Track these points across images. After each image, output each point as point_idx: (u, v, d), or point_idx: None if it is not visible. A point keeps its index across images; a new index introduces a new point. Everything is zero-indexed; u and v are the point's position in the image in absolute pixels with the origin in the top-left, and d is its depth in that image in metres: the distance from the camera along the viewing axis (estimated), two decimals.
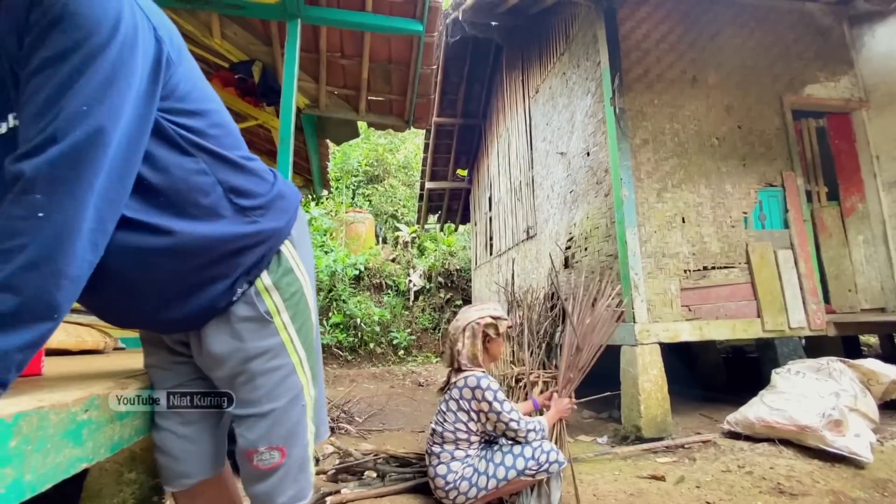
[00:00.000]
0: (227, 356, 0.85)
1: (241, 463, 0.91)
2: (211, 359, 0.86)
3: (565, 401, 2.33)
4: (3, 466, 0.61)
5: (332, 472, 2.42)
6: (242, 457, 0.88)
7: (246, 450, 0.87)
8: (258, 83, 4.01)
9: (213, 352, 0.85)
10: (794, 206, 3.96)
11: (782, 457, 2.63)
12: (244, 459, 0.88)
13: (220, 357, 0.85)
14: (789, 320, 3.65)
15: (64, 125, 0.60)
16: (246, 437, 0.87)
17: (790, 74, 4.27)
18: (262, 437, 0.87)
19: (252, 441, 0.87)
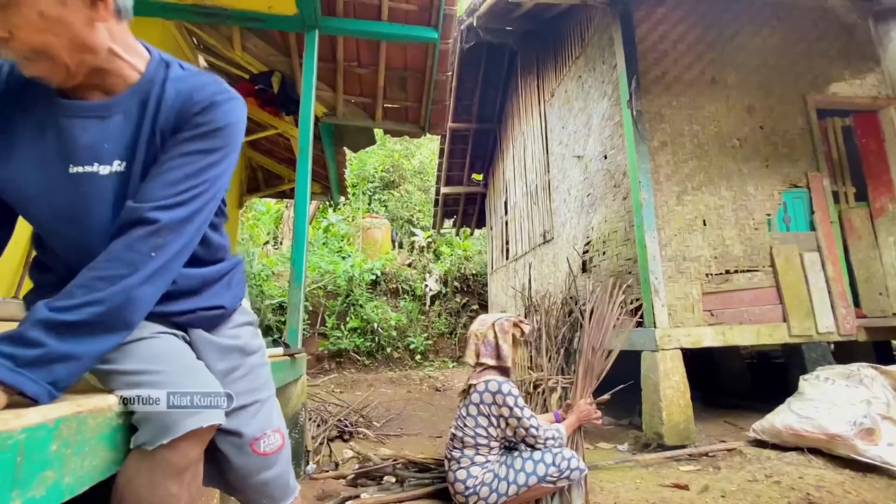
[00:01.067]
0: (231, 350, 0.99)
1: (243, 459, 0.92)
2: (217, 352, 0.97)
3: (584, 404, 2.29)
4: (44, 469, 0.63)
5: (351, 476, 2.43)
6: (247, 449, 0.92)
7: (252, 438, 0.93)
8: (277, 93, 4.10)
9: (223, 345, 0.98)
10: (821, 208, 3.85)
11: (811, 466, 2.55)
12: (249, 452, 0.92)
13: (226, 349, 0.98)
14: (817, 325, 3.54)
15: (189, 197, 0.84)
16: (251, 424, 0.94)
17: (814, 73, 4.17)
18: (265, 422, 0.96)
19: (258, 427, 0.94)
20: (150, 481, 0.76)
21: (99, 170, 0.83)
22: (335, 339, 8.30)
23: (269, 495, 0.98)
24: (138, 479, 0.76)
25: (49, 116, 0.83)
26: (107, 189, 0.84)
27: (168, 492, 0.77)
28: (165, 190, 0.82)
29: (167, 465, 0.77)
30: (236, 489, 0.97)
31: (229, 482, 0.96)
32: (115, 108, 0.85)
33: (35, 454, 0.61)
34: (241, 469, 0.93)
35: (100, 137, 0.83)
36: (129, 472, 0.77)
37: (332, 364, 8.12)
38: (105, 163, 0.83)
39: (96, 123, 0.83)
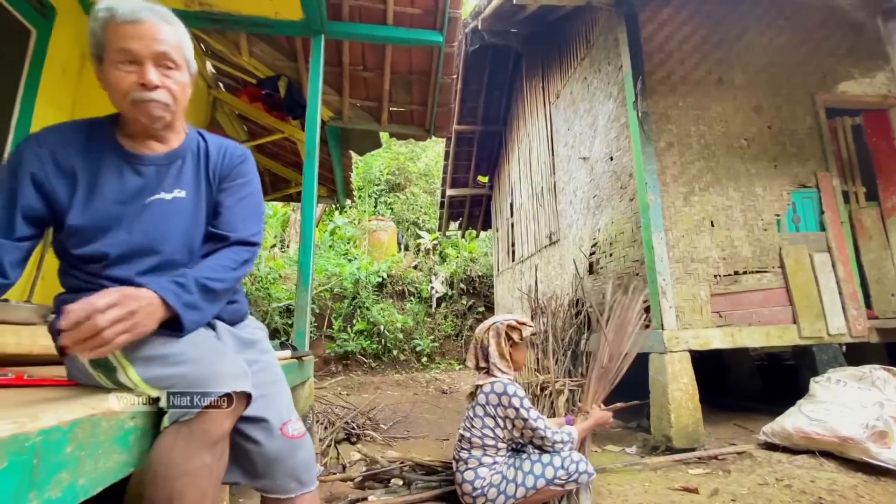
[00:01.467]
0: (251, 344, 1.16)
1: (275, 443, 0.99)
2: (238, 343, 1.13)
3: (601, 411, 2.31)
4: (59, 471, 0.65)
5: (359, 479, 2.44)
6: (277, 433, 1.00)
7: (281, 422, 1.01)
8: (284, 98, 4.14)
9: (243, 338, 1.15)
10: (831, 208, 3.81)
11: (823, 470, 2.52)
12: (279, 435, 1.00)
13: (246, 342, 1.14)
14: (828, 326, 3.50)
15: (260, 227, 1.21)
16: (276, 411, 1.02)
17: (822, 72, 4.13)
18: (287, 408, 1.08)
19: (283, 414, 1.04)
20: (187, 451, 0.81)
21: (164, 196, 1.07)
22: (342, 342, 8.32)
23: (298, 479, 1.03)
24: (175, 449, 0.81)
25: (123, 165, 1.06)
26: (170, 208, 1.08)
27: (203, 461, 0.82)
28: (248, 222, 1.16)
29: (203, 434, 0.83)
30: (264, 475, 1.00)
31: (257, 469, 1.00)
32: (176, 157, 1.12)
33: (51, 456, 0.62)
34: (273, 453, 0.99)
35: (165, 176, 1.10)
36: (166, 444, 0.82)
37: (339, 366, 8.14)
38: (168, 192, 1.08)
39: (164, 168, 1.11)
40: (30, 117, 2.76)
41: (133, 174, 1.05)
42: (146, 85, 0.98)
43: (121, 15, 0.96)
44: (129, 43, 0.96)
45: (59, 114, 3.01)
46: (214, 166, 1.15)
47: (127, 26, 0.96)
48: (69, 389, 0.97)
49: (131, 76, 0.97)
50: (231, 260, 1.08)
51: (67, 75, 3.07)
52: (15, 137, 2.67)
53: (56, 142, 1.01)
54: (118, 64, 0.97)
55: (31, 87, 2.77)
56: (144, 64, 0.98)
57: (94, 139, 1.05)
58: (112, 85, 0.99)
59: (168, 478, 0.79)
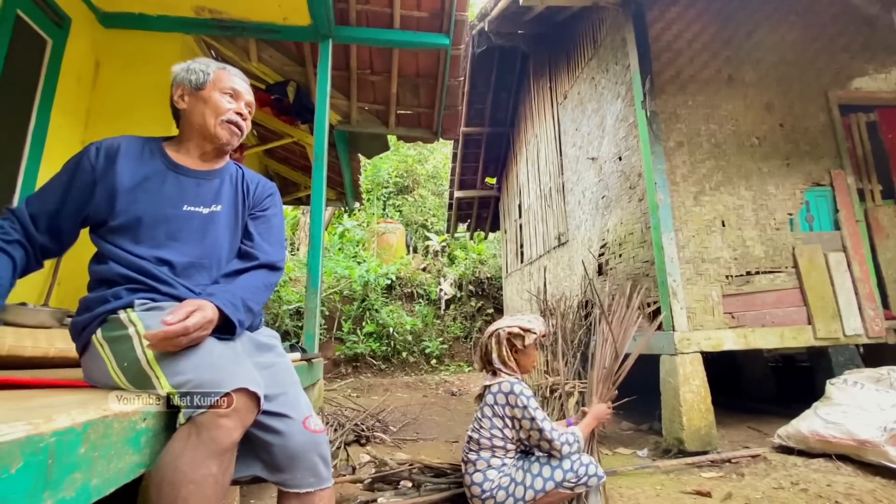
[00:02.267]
0: (268, 348, 1.25)
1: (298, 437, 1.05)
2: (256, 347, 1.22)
3: (602, 406, 2.25)
4: (73, 471, 0.66)
5: (368, 480, 2.44)
6: (299, 427, 1.06)
7: (304, 417, 1.08)
8: (293, 102, 4.18)
9: (260, 342, 1.25)
10: (845, 206, 3.74)
11: (840, 473, 2.46)
12: (302, 430, 1.06)
13: (263, 346, 1.24)
14: (844, 327, 3.44)
15: (283, 259, 1.37)
16: (296, 408, 1.09)
17: (835, 68, 4.07)
18: (307, 404, 1.15)
19: (305, 409, 1.11)
20: (194, 459, 0.83)
21: (202, 210, 1.25)
22: (351, 344, 8.36)
23: (317, 474, 1.06)
24: (183, 457, 0.83)
25: (170, 173, 1.24)
26: (202, 220, 1.24)
27: (210, 471, 0.84)
28: (275, 248, 1.35)
29: (212, 443, 0.85)
30: (285, 469, 1.03)
31: (279, 463, 1.03)
32: (218, 176, 1.33)
33: (65, 457, 0.64)
34: (295, 447, 1.03)
35: (205, 191, 1.28)
36: (175, 450, 0.84)
37: (349, 368, 8.17)
38: (206, 206, 1.26)
39: (206, 182, 1.29)
40: (46, 124, 2.83)
41: (175, 180, 1.24)
42: (240, 114, 1.32)
43: (232, 70, 1.35)
44: (236, 84, 1.33)
45: (75, 121, 3.07)
46: (249, 192, 1.37)
47: (235, 77, 1.35)
48: (83, 391, 0.99)
49: (231, 105, 1.30)
50: (263, 284, 1.27)
51: (82, 83, 3.14)
52: (32, 144, 2.73)
53: (115, 147, 1.21)
54: (223, 93, 1.29)
55: (47, 95, 2.83)
56: (239, 101, 1.33)
57: (147, 147, 1.26)
58: (211, 105, 1.27)
59: (175, 484, 0.81)
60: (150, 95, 3.30)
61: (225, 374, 0.92)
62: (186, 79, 1.29)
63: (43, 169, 2.78)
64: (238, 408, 0.89)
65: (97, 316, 1.05)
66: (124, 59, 3.30)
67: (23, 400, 0.87)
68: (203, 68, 1.30)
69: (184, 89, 1.29)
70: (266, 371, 1.14)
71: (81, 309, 1.10)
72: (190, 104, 1.29)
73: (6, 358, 1.67)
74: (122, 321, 1.02)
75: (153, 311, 1.04)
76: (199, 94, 1.28)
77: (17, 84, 2.65)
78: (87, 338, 1.06)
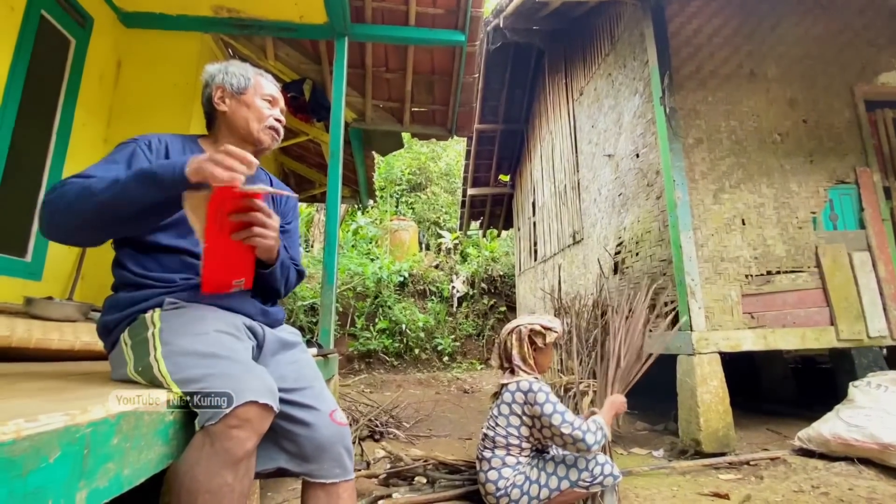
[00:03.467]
0: (291, 345, 1.27)
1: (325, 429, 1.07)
2: (280, 345, 1.24)
3: (619, 396, 2.19)
4: (107, 461, 0.68)
5: (383, 476, 2.46)
6: (326, 420, 1.08)
7: (330, 410, 1.11)
8: (309, 100, 4.21)
9: (284, 340, 1.26)
10: (871, 205, 3.64)
11: (862, 477, 2.41)
12: (329, 422, 1.08)
13: (286, 343, 1.25)
14: (868, 329, 3.35)
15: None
16: (322, 400, 1.11)
17: (861, 62, 3.95)
18: (331, 399, 1.17)
19: (331, 402, 1.14)
20: (209, 469, 0.83)
21: None
22: (364, 340, 8.42)
23: (344, 465, 1.08)
24: (198, 466, 0.83)
25: None
26: None
27: (225, 481, 0.84)
28: (299, 257, 1.45)
29: (226, 454, 0.84)
30: (312, 460, 1.05)
31: (306, 454, 1.04)
32: (255, 179, 1.32)
33: (99, 447, 0.65)
34: (323, 438, 1.05)
35: None
36: (191, 459, 0.84)
37: (362, 364, 8.24)
38: None
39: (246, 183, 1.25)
40: (70, 121, 2.90)
41: None
42: (280, 120, 1.36)
43: (268, 77, 1.38)
44: (274, 91, 1.36)
45: (98, 119, 3.14)
46: (279, 200, 1.44)
47: (272, 84, 1.38)
48: (114, 385, 1.01)
49: (270, 111, 1.34)
50: (294, 280, 1.38)
51: (105, 82, 3.20)
52: (57, 141, 2.80)
53: (164, 143, 1.23)
54: (264, 99, 1.33)
55: (70, 93, 2.90)
56: (276, 108, 1.37)
57: (188, 148, 1.28)
58: (254, 110, 1.30)
59: (192, 493, 0.82)
60: (170, 94, 3.36)
61: (236, 384, 0.88)
62: (227, 81, 1.30)
63: (68, 164, 2.85)
64: (250, 419, 0.87)
65: (128, 315, 1.07)
66: (145, 58, 3.36)
67: (57, 392, 0.89)
68: (243, 73, 1.33)
69: (224, 91, 1.30)
70: (292, 366, 1.16)
71: (110, 308, 1.11)
72: (231, 107, 1.30)
73: (34, 350, 1.72)
74: (146, 322, 1.03)
75: (179, 310, 1.05)
76: (240, 97, 1.30)
77: (42, 82, 2.71)
78: (116, 336, 1.08)
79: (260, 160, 1.32)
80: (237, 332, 1.09)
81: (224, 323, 1.08)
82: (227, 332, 1.06)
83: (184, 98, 3.34)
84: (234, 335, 1.07)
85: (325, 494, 1.06)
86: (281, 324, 1.34)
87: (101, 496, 0.66)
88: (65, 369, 1.48)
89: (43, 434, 0.55)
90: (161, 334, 0.99)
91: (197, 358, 0.94)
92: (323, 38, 3.77)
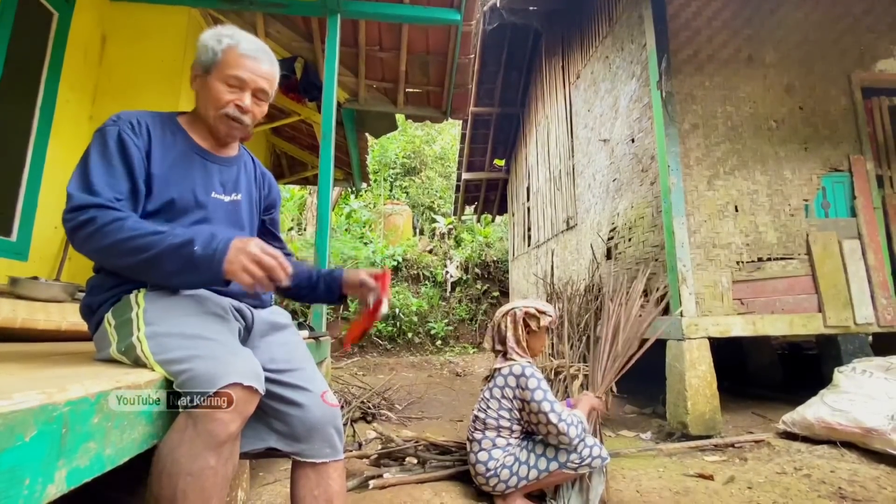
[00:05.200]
0: (281, 327, 1.25)
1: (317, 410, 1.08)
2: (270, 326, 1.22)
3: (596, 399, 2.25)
4: (87, 441, 0.67)
5: (374, 456, 2.49)
6: (318, 401, 1.09)
7: (322, 391, 1.11)
8: (300, 79, 4.12)
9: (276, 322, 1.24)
10: (863, 193, 3.66)
11: (844, 460, 2.47)
12: (321, 404, 1.09)
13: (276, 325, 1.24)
14: (855, 316, 3.40)
15: None
16: (313, 381, 1.12)
17: (860, 49, 3.92)
18: (322, 380, 1.16)
19: (322, 384, 1.14)
20: (191, 452, 0.82)
21: (224, 198, 1.21)
22: None
23: (334, 445, 1.09)
24: (180, 448, 0.82)
25: (196, 157, 1.18)
26: (226, 209, 1.21)
27: (207, 463, 0.82)
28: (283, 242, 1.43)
29: (208, 437, 0.82)
30: (303, 440, 1.05)
31: (297, 434, 1.05)
32: (237, 163, 1.28)
33: (78, 426, 0.64)
34: (314, 419, 1.06)
35: (227, 178, 1.24)
36: (173, 441, 0.83)
37: (355, 348, 8.27)
38: (228, 194, 1.22)
39: (227, 169, 1.25)
40: (54, 98, 2.81)
41: (201, 165, 1.19)
42: (241, 108, 1.16)
43: (244, 48, 1.15)
44: (242, 72, 1.14)
45: (83, 96, 3.06)
46: (264, 185, 1.37)
47: (246, 59, 1.15)
48: (98, 364, 1.00)
49: (232, 96, 1.15)
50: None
51: (89, 58, 3.11)
52: (40, 119, 2.73)
53: (145, 123, 1.12)
54: (226, 83, 1.14)
55: (54, 69, 2.81)
56: (245, 91, 1.16)
57: (167, 127, 1.17)
58: (212, 95, 1.14)
59: (172, 476, 0.80)
60: (157, 70, 3.27)
61: (220, 366, 0.86)
62: (198, 58, 1.16)
63: (52, 143, 2.78)
64: (234, 401, 0.85)
65: (112, 296, 1.04)
66: (130, 32, 3.26)
67: (36, 370, 0.88)
68: (215, 45, 1.14)
69: (194, 69, 1.17)
70: (283, 347, 1.16)
71: (94, 288, 1.08)
72: (198, 86, 1.18)
73: (19, 331, 1.70)
74: (130, 302, 1.01)
75: (164, 291, 1.02)
76: (206, 77, 1.15)
77: (24, 58, 2.63)
78: (100, 317, 1.05)
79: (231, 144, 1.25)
80: (224, 313, 1.08)
81: (211, 304, 1.07)
82: (213, 313, 1.04)
83: (171, 74, 3.25)
84: (220, 316, 1.05)
85: (314, 474, 1.06)
86: (269, 305, 1.32)
87: (83, 475, 0.65)
88: (50, 349, 1.46)
89: (17, 412, 0.54)
90: (145, 314, 0.97)
91: (181, 339, 0.92)
92: (315, 15, 3.68)
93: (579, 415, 1.96)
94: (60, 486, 0.61)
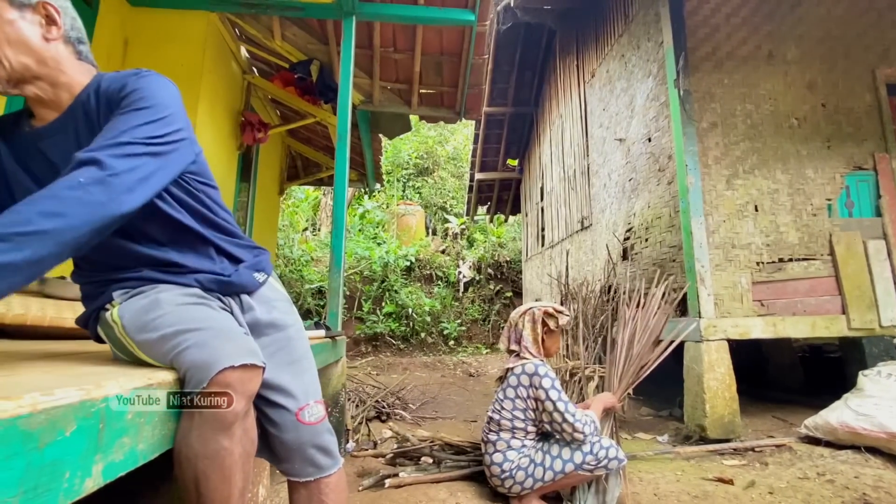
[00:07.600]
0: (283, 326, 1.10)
1: (291, 433, 1.00)
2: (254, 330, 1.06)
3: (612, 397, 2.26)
4: (122, 436, 0.68)
5: (390, 455, 2.51)
6: (293, 421, 1.00)
7: (299, 408, 1.01)
8: (316, 81, 4.17)
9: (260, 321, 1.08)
10: (889, 192, 3.56)
11: (869, 466, 2.41)
12: (296, 424, 1.00)
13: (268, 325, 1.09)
14: (880, 318, 3.31)
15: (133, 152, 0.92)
16: (295, 397, 1.02)
17: (884, 45, 3.82)
18: (305, 391, 1.04)
19: (302, 396, 1.03)
20: (202, 436, 0.82)
21: None
22: (371, 324, 8.49)
23: (317, 464, 1.04)
24: (191, 434, 0.82)
25: (31, 146, 0.97)
26: None
27: (221, 445, 0.82)
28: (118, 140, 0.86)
29: (215, 420, 0.82)
30: (283, 459, 1.03)
31: (276, 452, 1.02)
32: (67, 122, 0.96)
33: (114, 422, 0.66)
34: (289, 441, 1.01)
35: (68, 147, 0.94)
36: (184, 429, 0.83)
37: (369, 347, 8.33)
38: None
39: (62, 137, 0.96)
40: None
41: (36, 152, 0.98)
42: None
43: None
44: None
45: None
46: (105, 113, 0.94)
47: None
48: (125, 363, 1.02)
49: None
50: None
51: (112, 61, 3.18)
52: None
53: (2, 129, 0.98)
54: None
55: None
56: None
57: (19, 124, 1.00)
58: None
59: (190, 460, 0.81)
60: (176, 74, 3.32)
61: (209, 353, 0.83)
62: None
63: None
64: (231, 383, 0.82)
65: (92, 313, 1.03)
66: (151, 37, 3.33)
67: (68, 367, 0.90)
68: None
69: None
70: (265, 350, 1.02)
71: (83, 299, 1.07)
72: None
73: (48, 329, 1.75)
74: (108, 321, 0.97)
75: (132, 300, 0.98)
76: None
77: None
78: (94, 330, 1.04)
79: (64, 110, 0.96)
80: (200, 299, 0.99)
81: (182, 295, 0.98)
82: (187, 303, 0.97)
83: (190, 77, 3.31)
84: (196, 304, 0.98)
85: (305, 491, 1.04)
86: (255, 288, 1.11)
87: (118, 469, 0.67)
88: (79, 347, 1.51)
89: (59, 408, 0.56)
90: (126, 331, 0.93)
91: (165, 342, 0.88)
92: (330, 18, 3.71)
93: (591, 415, 1.97)
94: (97, 480, 0.63)
